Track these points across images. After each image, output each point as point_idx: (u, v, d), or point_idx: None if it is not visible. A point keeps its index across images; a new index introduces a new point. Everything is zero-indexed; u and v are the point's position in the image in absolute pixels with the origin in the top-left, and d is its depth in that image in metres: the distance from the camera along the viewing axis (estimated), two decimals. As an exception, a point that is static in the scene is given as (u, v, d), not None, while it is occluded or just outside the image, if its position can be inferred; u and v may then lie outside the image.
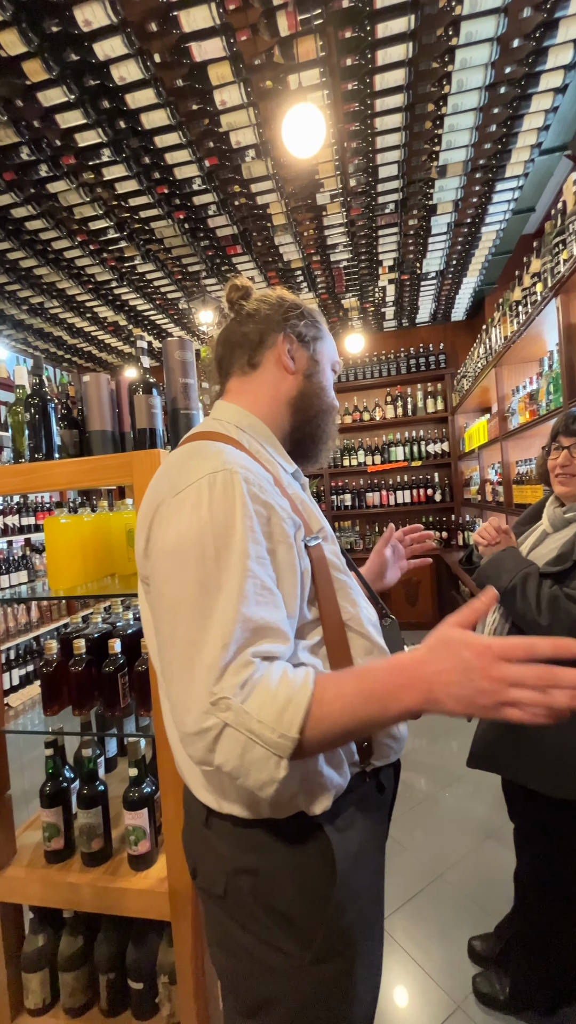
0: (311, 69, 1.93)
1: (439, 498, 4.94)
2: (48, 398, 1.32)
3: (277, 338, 0.79)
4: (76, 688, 1.30)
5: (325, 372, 0.83)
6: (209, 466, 0.62)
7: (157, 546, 0.62)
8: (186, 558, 0.58)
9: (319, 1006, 0.63)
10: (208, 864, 0.68)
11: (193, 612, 0.56)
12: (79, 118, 2.09)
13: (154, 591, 0.62)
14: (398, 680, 0.53)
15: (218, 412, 0.79)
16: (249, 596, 0.57)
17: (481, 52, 1.92)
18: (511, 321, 2.61)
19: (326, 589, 0.68)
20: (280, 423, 0.80)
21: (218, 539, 0.58)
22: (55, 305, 3.94)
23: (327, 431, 0.83)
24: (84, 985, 1.26)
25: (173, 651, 0.57)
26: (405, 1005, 1.34)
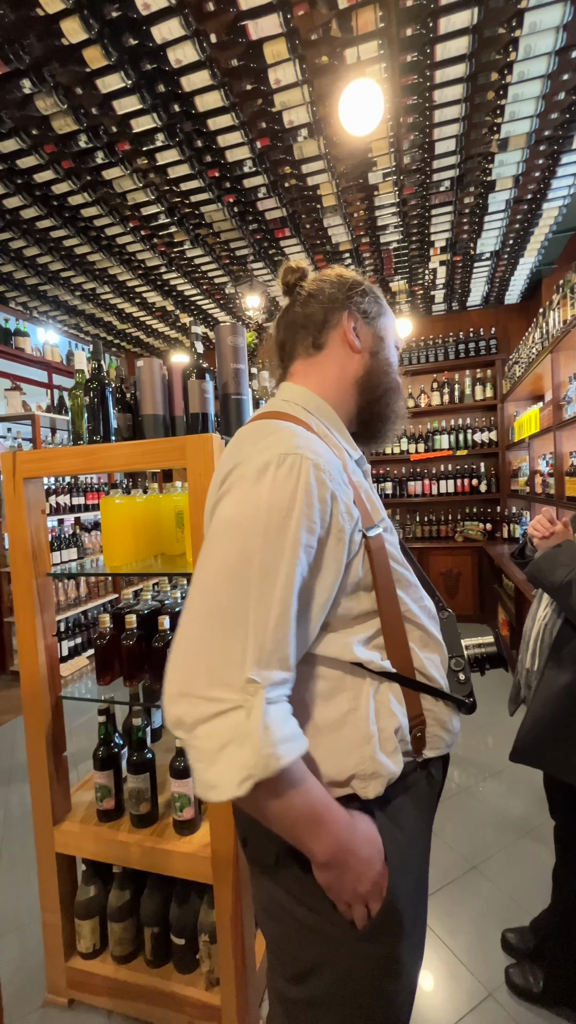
0: (369, 42, 1.87)
1: (484, 489, 4.80)
2: (107, 383, 1.36)
3: (342, 317, 0.77)
4: (127, 661, 1.37)
5: (390, 349, 0.82)
6: (281, 447, 0.61)
7: (218, 513, 0.62)
8: (240, 529, 0.58)
9: (364, 980, 0.65)
10: (259, 835, 0.69)
11: (237, 584, 0.56)
12: (135, 103, 2.11)
13: (204, 550, 0.61)
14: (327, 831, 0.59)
15: (286, 393, 0.78)
16: (295, 584, 0.57)
17: (553, 14, 1.80)
18: (572, 304, 2.47)
19: (385, 580, 0.67)
20: (347, 405, 0.78)
21: (273, 518, 0.58)
22: (106, 291, 4.03)
23: (395, 409, 0.81)
24: (131, 936, 1.34)
25: (207, 612, 0.57)
26: (437, 989, 1.36)
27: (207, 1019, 1.24)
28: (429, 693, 0.70)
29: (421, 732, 0.69)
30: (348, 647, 0.65)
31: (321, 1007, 0.65)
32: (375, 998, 0.66)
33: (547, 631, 1.19)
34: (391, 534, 0.73)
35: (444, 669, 0.73)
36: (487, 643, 0.81)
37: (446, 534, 4.90)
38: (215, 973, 1.25)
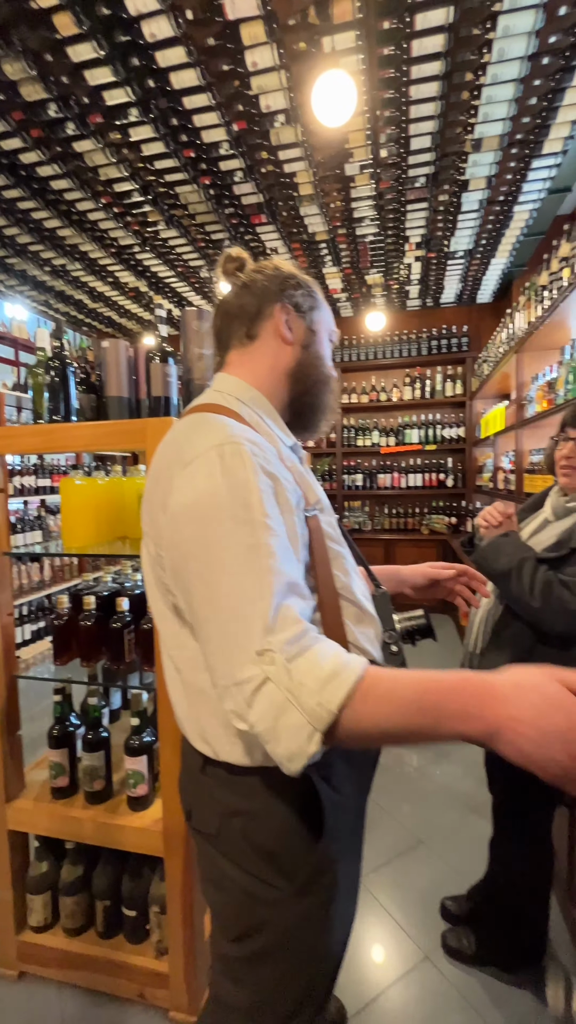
0: (347, 32, 1.87)
1: (451, 483, 4.92)
2: (68, 362, 1.35)
3: (274, 309, 0.79)
4: (85, 641, 1.37)
5: (322, 342, 0.84)
6: (216, 438, 0.64)
7: (177, 512, 0.63)
8: (210, 519, 0.59)
9: (299, 933, 0.70)
10: (203, 807, 0.73)
11: (228, 568, 0.58)
12: (108, 75, 2.06)
13: (179, 554, 0.63)
14: (466, 707, 0.50)
15: (219, 384, 0.80)
16: (278, 553, 0.59)
17: (526, 19, 1.84)
18: (536, 306, 2.56)
19: (321, 557, 0.71)
20: (279, 394, 0.80)
21: (238, 501, 0.60)
22: (77, 268, 3.93)
23: (325, 401, 0.84)
24: (82, 909, 1.37)
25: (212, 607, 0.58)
26: (377, 952, 1.44)
27: (156, 986, 1.28)
28: None
29: None
30: None
31: (260, 962, 0.70)
32: (309, 952, 0.71)
33: (490, 616, 1.26)
34: (328, 515, 0.77)
35: (378, 642, 0.78)
36: (417, 616, 0.89)
37: (413, 527, 5.02)
38: (164, 943, 1.29)
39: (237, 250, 0.84)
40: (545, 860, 1.30)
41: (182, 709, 0.74)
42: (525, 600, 1.09)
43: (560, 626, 1.06)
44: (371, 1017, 1.27)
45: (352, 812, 0.75)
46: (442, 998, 1.31)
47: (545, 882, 1.32)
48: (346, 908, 0.76)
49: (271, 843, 0.69)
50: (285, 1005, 0.71)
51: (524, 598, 1.09)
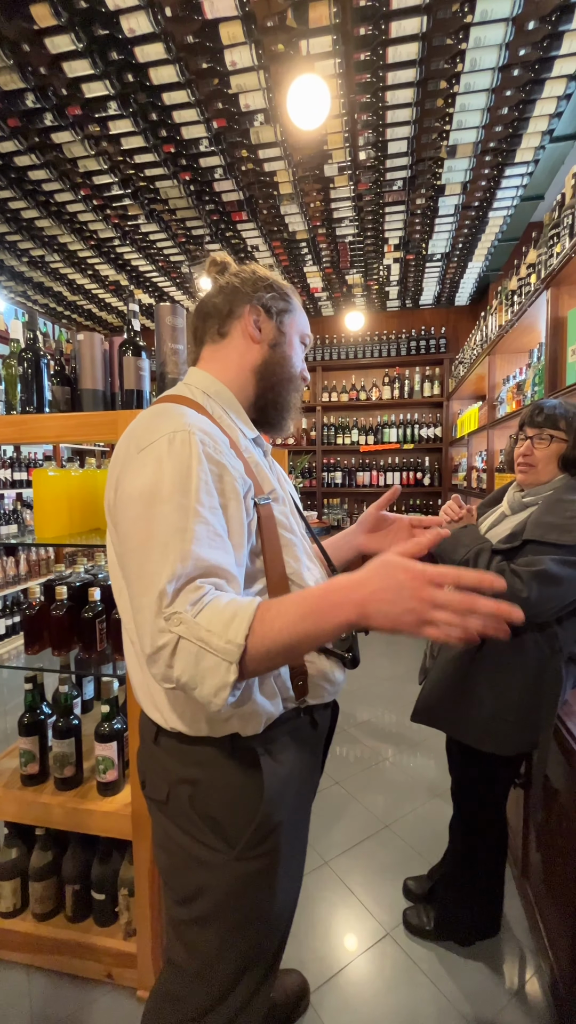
0: (323, 36, 1.91)
1: (428, 482, 5.02)
2: (41, 353, 1.36)
3: (244, 309, 0.84)
4: (56, 631, 1.39)
5: (292, 344, 0.88)
6: (170, 426, 0.68)
7: (125, 494, 0.68)
8: (149, 504, 0.64)
9: (242, 896, 0.74)
10: (155, 775, 0.78)
11: (154, 549, 0.63)
12: (87, 68, 2.06)
13: (121, 534, 0.68)
14: (334, 598, 0.58)
15: (189, 378, 0.85)
16: (202, 538, 0.63)
17: (496, 32, 1.90)
18: (506, 310, 2.64)
19: (272, 544, 0.76)
20: (245, 390, 0.85)
21: (175, 488, 0.64)
22: (56, 259, 3.89)
23: (289, 400, 0.88)
24: (52, 894, 1.39)
25: (138, 584, 0.64)
26: (340, 930, 1.49)
27: (124, 966, 1.31)
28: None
29: (303, 681, 0.78)
30: None
31: (206, 924, 0.74)
32: (252, 913, 0.75)
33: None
34: (282, 505, 0.82)
35: None
36: None
37: (391, 524, 5.09)
38: (133, 924, 1.32)
39: (222, 255, 0.90)
40: (500, 836, 1.37)
41: (137, 678, 0.79)
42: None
43: (511, 613, 1.12)
44: (333, 991, 1.32)
45: (296, 783, 0.80)
46: (402, 972, 1.37)
47: (500, 858, 1.39)
48: (290, 878, 0.80)
49: (215, 810, 0.73)
50: (232, 964, 0.75)
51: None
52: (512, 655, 1.18)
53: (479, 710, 1.19)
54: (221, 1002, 0.75)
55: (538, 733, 1.19)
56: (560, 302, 1.86)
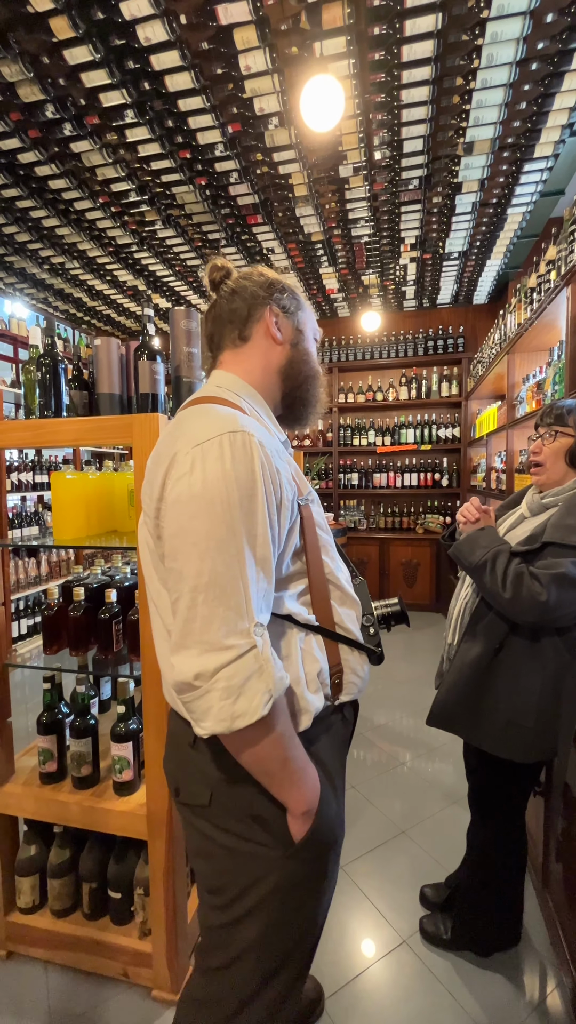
0: (337, 37, 1.90)
1: (446, 483, 4.96)
2: (59, 359, 1.39)
3: (264, 312, 0.85)
4: (74, 631, 1.41)
5: (309, 340, 0.89)
6: (226, 426, 0.67)
7: (179, 489, 0.66)
8: (213, 501, 0.64)
9: (288, 893, 0.74)
10: (193, 781, 0.77)
11: (224, 550, 0.64)
12: (104, 78, 2.09)
13: (175, 528, 0.66)
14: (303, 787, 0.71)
15: (218, 380, 0.84)
16: (270, 544, 0.67)
17: (513, 26, 1.87)
18: (526, 308, 2.59)
19: (313, 544, 0.77)
20: (272, 391, 0.86)
21: (243, 490, 0.65)
22: (75, 266, 3.96)
23: (315, 395, 0.89)
24: (69, 891, 1.41)
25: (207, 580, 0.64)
26: (356, 937, 1.48)
27: (139, 965, 1.32)
28: (345, 643, 0.81)
29: (339, 679, 0.80)
30: (281, 601, 0.75)
31: (246, 922, 0.74)
32: (295, 911, 0.75)
33: (467, 609, 1.29)
34: (317, 505, 0.84)
35: (358, 624, 0.85)
36: (392, 603, 0.96)
37: (408, 526, 5.05)
38: (148, 924, 1.33)
39: (222, 260, 0.89)
40: (519, 846, 1.34)
41: None
42: (497, 591, 1.13)
43: (530, 617, 1.10)
44: (347, 997, 1.31)
45: (335, 780, 0.81)
46: (418, 981, 1.35)
47: (519, 867, 1.36)
48: (331, 877, 0.80)
49: (262, 808, 0.73)
50: (268, 963, 0.74)
51: (496, 590, 1.13)
52: (530, 659, 1.16)
53: (496, 715, 1.17)
54: (253, 1001, 0.75)
55: (557, 740, 1.16)
56: (581, 299, 1.81)
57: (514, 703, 1.15)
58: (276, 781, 0.70)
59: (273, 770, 0.69)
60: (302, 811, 0.71)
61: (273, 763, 0.68)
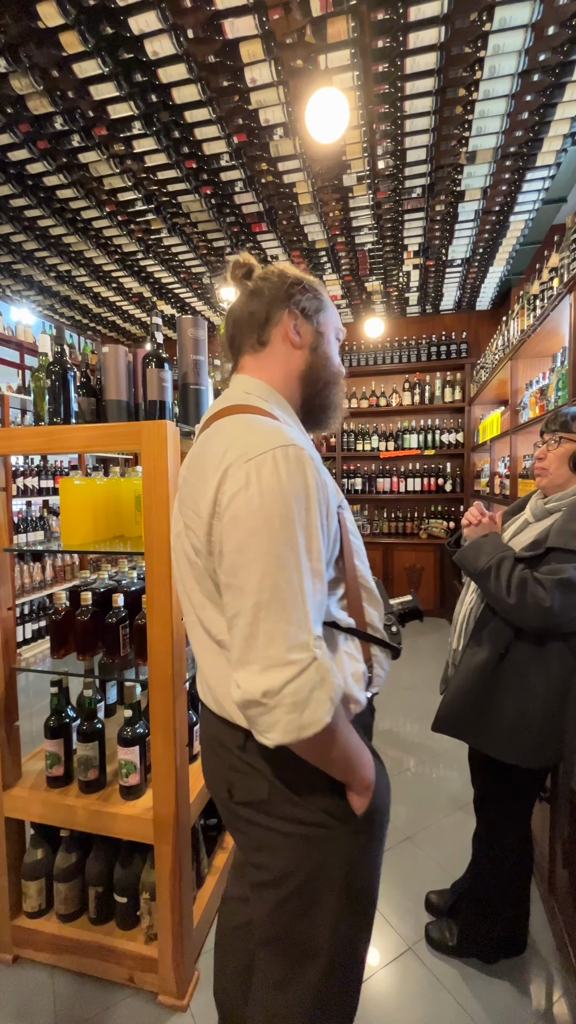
0: (342, 50, 1.93)
1: (449, 488, 4.96)
2: (68, 366, 1.41)
3: (282, 315, 0.82)
4: (81, 635, 1.42)
5: (330, 342, 0.87)
6: (276, 439, 0.68)
7: (236, 505, 0.66)
8: (272, 517, 0.64)
9: (357, 866, 0.77)
10: (248, 779, 0.78)
11: (285, 565, 0.64)
12: (112, 90, 2.13)
13: (234, 545, 0.66)
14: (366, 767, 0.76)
15: (246, 385, 0.82)
16: (323, 557, 0.69)
17: (515, 38, 1.90)
18: (528, 314, 2.61)
19: (347, 549, 0.79)
20: (294, 397, 0.85)
21: (298, 504, 0.66)
22: (82, 273, 4.01)
23: (336, 400, 0.88)
24: (76, 896, 1.41)
25: (269, 595, 0.64)
26: (362, 943, 1.48)
27: (145, 970, 1.32)
28: (376, 643, 0.83)
29: (370, 675, 0.82)
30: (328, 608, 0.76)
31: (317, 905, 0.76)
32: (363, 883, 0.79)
33: (472, 614, 1.30)
34: (348, 511, 0.84)
35: (382, 622, 0.86)
36: (407, 601, 0.99)
37: (411, 531, 5.05)
38: (154, 928, 1.33)
39: (245, 256, 0.86)
40: (525, 851, 1.34)
41: (223, 688, 0.79)
42: (502, 597, 1.13)
43: (534, 622, 1.10)
44: (354, 1004, 1.30)
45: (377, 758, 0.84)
46: (424, 988, 1.35)
47: (525, 873, 1.35)
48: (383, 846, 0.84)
49: (322, 791, 0.76)
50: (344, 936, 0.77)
51: (501, 595, 1.13)
52: (536, 665, 1.16)
53: (501, 721, 1.17)
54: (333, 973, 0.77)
55: (563, 745, 1.16)
56: (584, 306, 1.83)
57: (519, 708, 1.15)
58: (338, 768, 0.73)
59: (335, 759, 0.72)
60: (364, 787, 0.75)
61: (335, 755, 0.71)
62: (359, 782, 0.75)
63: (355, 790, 0.76)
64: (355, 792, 0.76)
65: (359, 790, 0.75)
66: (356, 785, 0.75)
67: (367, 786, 0.76)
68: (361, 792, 0.76)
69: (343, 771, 0.74)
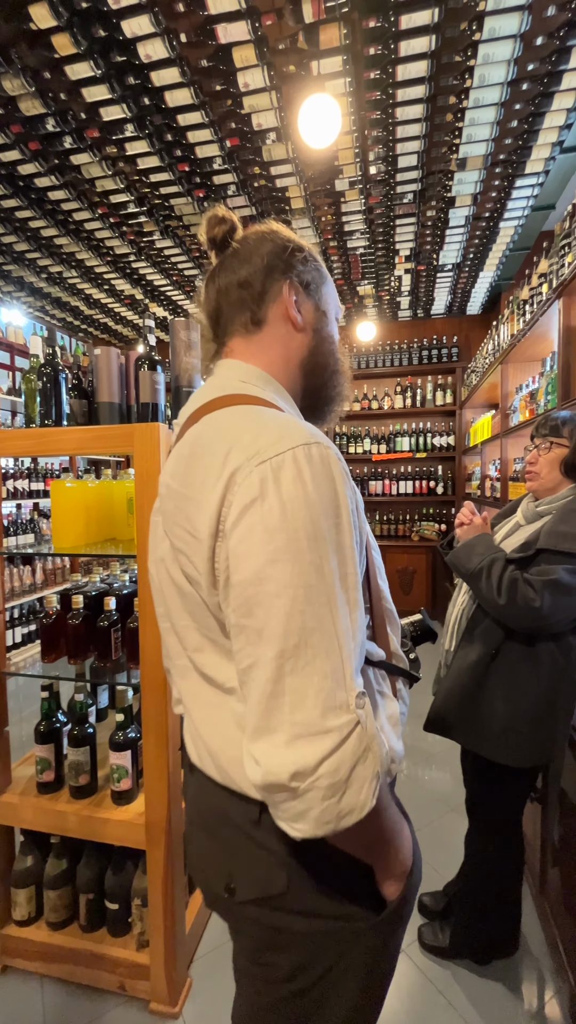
0: (334, 57, 1.95)
1: (441, 491, 4.99)
2: (60, 368, 1.40)
3: (282, 288, 0.67)
4: (72, 639, 1.41)
5: (332, 323, 0.73)
6: (295, 435, 0.52)
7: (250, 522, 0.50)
8: (297, 537, 0.49)
9: (381, 953, 0.64)
10: (259, 867, 0.60)
11: (315, 599, 0.49)
12: (104, 93, 2.13)
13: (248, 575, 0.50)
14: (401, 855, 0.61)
15: (239, 372, 0.66)
16: (359, 583, 0.54)
17: (504, 48, 1.92)
18: (518, 319, 2.64)
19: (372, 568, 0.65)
20: (294, 387, 0.69)
21: (328, 520, 0.51)
22: (73, 275, 3.99)
23: (341, 391, 0.74)
24: (66, 903, 1.40)
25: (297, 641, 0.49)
26: (355, 946, 1.47)
27: (137, 977, 1.30)
28: (403, 675, 0.69)
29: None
30: None
31: (337, 991, 0.63)
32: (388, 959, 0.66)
33: (464, 615, 1.31)
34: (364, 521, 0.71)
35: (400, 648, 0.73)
36: (418, 620, 0.87)
37: (403, 533, 5.08)
38: (146, 935, 1.32)
39: (223, 210, 0.69)
40: (516, 852, 1.35)
41: (232, 748, 0.59)
42: (493, 598, 1.14)
43: (525, 623, 1.11)
44: (347, 1008, 1.30)
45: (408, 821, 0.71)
46: (417, 990, 1.35)
47: (517, 874, 1.36)
48: None
49: (350, 875, 0.61)
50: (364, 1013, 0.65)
51: (492, 596, 1.14)
52: (527, 665, 1.17)
53: (493, 721, 1.18)
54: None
55: (553, 745, 1.17)
56: (572, 311, 1.85)
57: (511, 708, 1.16)
58: (375, 853, 0.59)
59: (372, 845, 0.58)
60: (402, 872, 0.61)
61: (373, 839, 0.57)
62: (398, 866, 0.60)
63: (391, 876, 0.60)
64: (391, 879, 0.60)
65: (396, 876, 0.60)
66: (393, 870, 0.60)
67: (405, 871, 0.61)
68: (398, 878, 0.61)
69: (378, 856, 0.59)
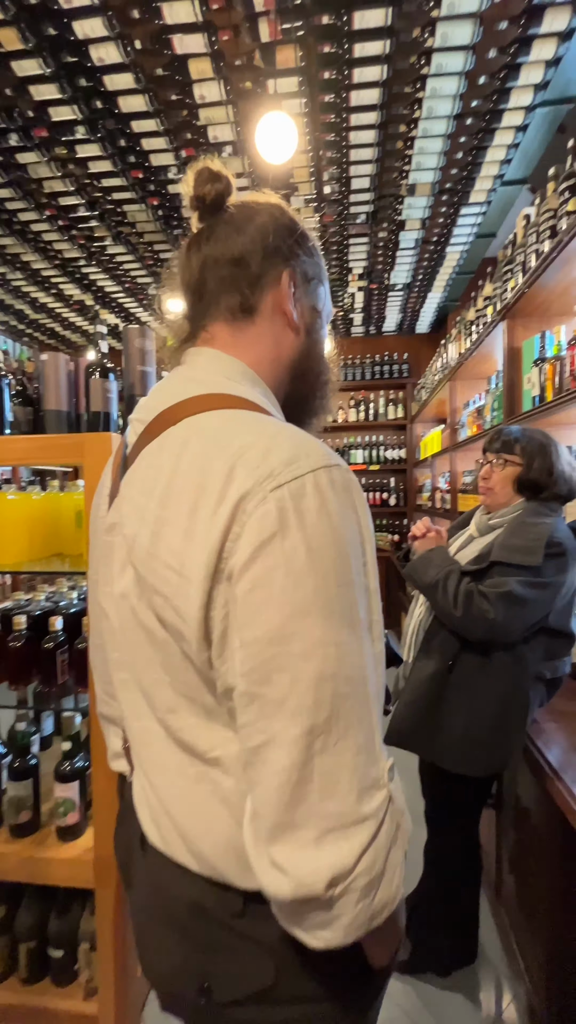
0: (290, 77, 1.99)
1: (393, 502, 5.12)
2: (3, 373, 1.32)
3: (280, 276, 0.57)
4: (14, 663, 1.31)
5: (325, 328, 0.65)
6: (314, 456, 0.43)
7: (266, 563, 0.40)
8: (327, 584, 0.41)
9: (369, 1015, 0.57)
10: (242, 961, 0.51)
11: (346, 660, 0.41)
12: (54, 92, 2.06)
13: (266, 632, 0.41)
14: None
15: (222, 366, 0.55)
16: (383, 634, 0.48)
17: (450, 84, 2.03)
18: (465, 339, 2.77)
19: None
20: (278, 393, 0.59)
21: (357, 561, 0.43)
22: (18, 277, 3.82)
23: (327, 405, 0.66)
24: (4, 955, 1.27)
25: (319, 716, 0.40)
26: (317, 970, 1.44)
27: (83, 1030, 1.20)
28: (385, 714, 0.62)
29: None
30: None
31: None
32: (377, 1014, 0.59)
33: (421, 627, 1.32)
34: None
35: None
36: None
37: (358, 544, 5.15)
38: (94, 982, 1.22)
39: (218, 163, 0.58)
40: (474, 859, 1.36)
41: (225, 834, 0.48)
42: (449, 610, 1.16)
43: (479, 634, 1.14)
44: (309, 1038, 1.26)
45: None
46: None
47: (475, 881, 1.38)
48: None
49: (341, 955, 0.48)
50: None
51: (448, 608, 1.16)
52: (482, 676, 1.20)
53: (452, 731, 1.19)
54: None
55: (509, 753, 1.20)
56: (515, 333, 1.96)
57: (469, 719, 1.18)
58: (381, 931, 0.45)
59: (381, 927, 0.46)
60: (396, 941, 0.52)
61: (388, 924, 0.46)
62: (396, 937, 0.51)
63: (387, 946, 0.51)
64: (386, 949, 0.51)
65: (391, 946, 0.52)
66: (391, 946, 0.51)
67: (400, 940, 0.53)
68: (392, 948, 0.52)
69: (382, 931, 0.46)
